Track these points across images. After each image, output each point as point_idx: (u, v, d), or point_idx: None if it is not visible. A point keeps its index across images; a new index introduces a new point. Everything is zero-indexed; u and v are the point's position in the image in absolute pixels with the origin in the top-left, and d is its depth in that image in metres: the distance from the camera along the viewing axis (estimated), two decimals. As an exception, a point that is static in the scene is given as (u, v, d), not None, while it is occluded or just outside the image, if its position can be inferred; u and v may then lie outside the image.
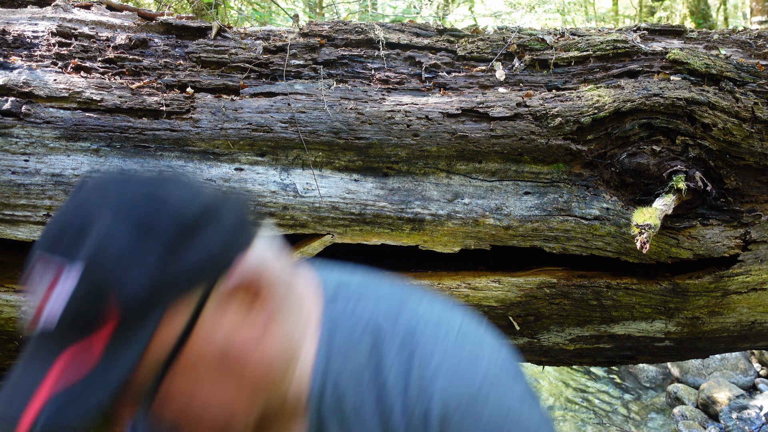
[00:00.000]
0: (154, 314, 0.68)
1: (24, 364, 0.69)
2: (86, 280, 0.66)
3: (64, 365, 0.66)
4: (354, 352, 0.79)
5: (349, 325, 0.81)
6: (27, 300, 0.71)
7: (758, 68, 2.34)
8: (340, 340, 0.80)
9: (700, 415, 4.79)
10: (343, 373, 0.78)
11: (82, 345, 0.67)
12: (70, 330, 0.67)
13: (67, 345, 0.67)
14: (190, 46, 2.36)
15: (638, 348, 2.41)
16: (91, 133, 2.12)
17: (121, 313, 0.67)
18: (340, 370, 0.78)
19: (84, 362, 0.66)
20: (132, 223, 0.69)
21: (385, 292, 0.86)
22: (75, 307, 0.66)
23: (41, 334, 0.68)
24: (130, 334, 0.67)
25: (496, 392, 0.72)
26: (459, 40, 2.50)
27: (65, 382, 0.65)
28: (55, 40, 2.27)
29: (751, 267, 2.26)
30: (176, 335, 0.70)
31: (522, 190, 2.22)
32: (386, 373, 0.75)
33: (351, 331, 0.81)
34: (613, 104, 2.19)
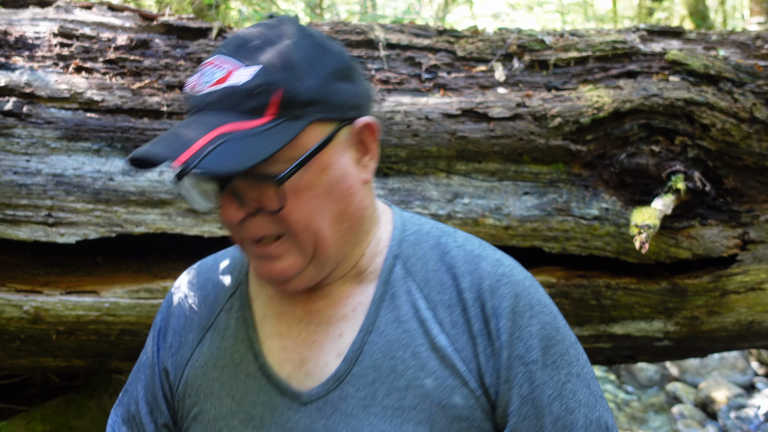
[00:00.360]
0: (304, 118, 0.86)
1: (185, 125, 0.85)
2: (265, 73, 0.84)
3: (225, 131, 0.82)
4: (420, 245, 1.02)
5: (415, 226, 1.05)
6: (193, 79, 0.89)
7: (757, 69, 2.35)
8: (408, 234, 1.04)
9: (698, 414, 4.80)
10: (411, 257, 1.01)
11: (243, 123, 0.83)
12: (239, 107, 0.84)
13: (231, 118, 0.83)
14: (190, 46, 2.37)
15: (637, 347, 2.42)
16: (93, 133, 2.12)
17: (279, 100, 0.84)
18: (408, 254, 1.02)
19: (250, 125, 0.83)
20: (314, 42, 0.90)
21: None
22: (247, 90, 0.83)
23: (207, 104, 0.85)
24: (283, 125, 0.85)
25: (521, 272, 1.03)
26: (459, 40, 2.51)
27: (224, 139, 0.81)
28: (57, 41, 2.28)
29: (749, 267, 2.27)
30: (313, 144, 0.88)
31: (521, 190, 2.23)
32: (451, 258, 1.00)
33: (417, 231, 1.04)
34: (613, 105, 2.20)
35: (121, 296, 2.12)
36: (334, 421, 0.95)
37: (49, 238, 2.05)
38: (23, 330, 2.11)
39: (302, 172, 0.88)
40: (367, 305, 1.00)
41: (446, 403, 0.94)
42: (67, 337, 2.14)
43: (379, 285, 1.00)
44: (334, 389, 0.96)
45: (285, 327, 1.02)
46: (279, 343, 1.02)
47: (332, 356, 0.98)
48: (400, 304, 0.99)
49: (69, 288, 2.13)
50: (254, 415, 0.99)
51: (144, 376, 1.13)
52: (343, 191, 0.93)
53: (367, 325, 0.98)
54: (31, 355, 2.22)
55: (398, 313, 0.98)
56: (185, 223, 2.11)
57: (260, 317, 1.05)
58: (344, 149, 0.93)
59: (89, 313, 2.10)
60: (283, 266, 0.93)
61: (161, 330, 1.13)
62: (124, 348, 2.19)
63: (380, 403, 0.94)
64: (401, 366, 0.95)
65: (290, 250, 0.92)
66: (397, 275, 1.00)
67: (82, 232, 2.07)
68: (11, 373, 2.67)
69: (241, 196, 0.89)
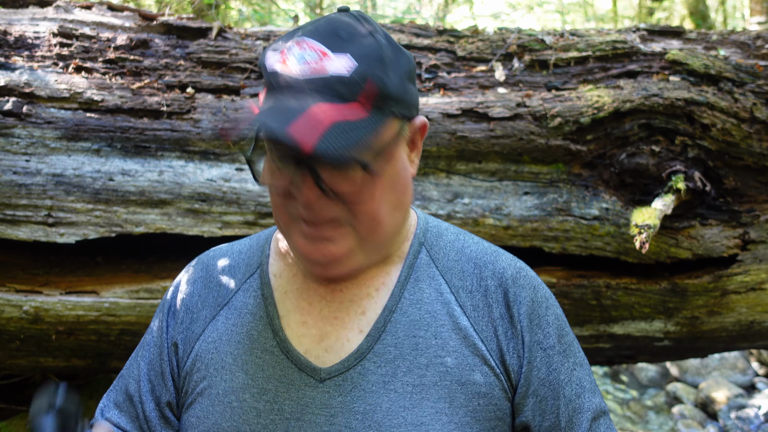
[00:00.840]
0: (386, 111, 0.92)
1: (279, 101, 0.88)
2: (355, 62, 0.89)
3: (335, 108, 0.86)
4: (441, 237, 1.10)
5: (435, 221, 1.13)
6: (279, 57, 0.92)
7: (757, 69, 2.35)
8: (432, 227, 1.11)
9: (699, 414, 4.80)
10: (434, 246, 1.08)
11: (340, 107, 0.87)
12: (334, 91, 0.88)
13: (328, 99, 0.87)
14: (190, 46, 2.37)
15: (637, 347, 2.42)
16: (92, 133, 2.12)
17: (376, 92, 0.90)
18: (432, 243, 1.08)
19: (350, 111, 0.87)
20: (390, 42, 0.95)
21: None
22: (344, 78, 0.88)
23: (307, 88, 0.88)
24: (377, 110, 0.90)
25: (532, 272, 1.11)
26: (459, 40, 2.51)
27: (339, 118, 0.85)
28: (57, 41, 2.28)
29: (749, 267, 2.27)
30: (389, 137, 0.94)
31: (521, 190, 2.22)
32: (471, 251, 1.08)
33: (437, 226, 1.12)
34: (613, 104, 2.20)
35: (120, 296, 2.12)
36: (352, 398, 0.96)
37: (49, 238, 2.05)
38: (23, 330, 2.11)
39: (378, 162, 0.93)
40: (391, 286, 1.04)
41: (466, 380, 0.97)
42: (66, 337, 2.14)
43: (405, 268, 1.05)
44: (354, 366, 0.98)
45: (306, 303, 1.04)
46: (299, 318, 1.04)
47: (354, 332, 1.01)
48: (423, 287, 1.04)
49: (69, 288, 2.13)
50: (268, 390, 0.99)
51: (148, 354, 1.13)
52: (402, 184, 0.99)
53: (391, 305, 1.02)
54: (31, 355, 2.22)
55: (421, 295, 1.03)
56: (185, 223, 2.11)
57: (281, 292, 1.07)
58: (403, 145, 0.99)
59: (89, 313, 2.10)
60: (336, 249, 0.95)
61: (171, 308, 1.13)
62: (124, 348, 2.19)
63: (400, 379, 0.97)
64: (423, 344, 0.99)
65: (346, 234, 0.95)
66: (422, 260, 1.06)
67: (81, 232, 2.07)
68: (11, 373, 2.67)
69: (319, 176, 0.91)
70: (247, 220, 2.13)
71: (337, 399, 0.97)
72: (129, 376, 1.14)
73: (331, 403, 0.97)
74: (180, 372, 1.09)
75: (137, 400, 1.11)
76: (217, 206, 2.12)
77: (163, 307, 1.15)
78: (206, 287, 1.12)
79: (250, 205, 2.13)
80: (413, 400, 0.96)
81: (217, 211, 2.12)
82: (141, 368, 1.12)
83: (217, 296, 1.10)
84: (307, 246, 0.96)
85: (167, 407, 1.09)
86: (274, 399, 0.99)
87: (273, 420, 0.98)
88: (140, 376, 1.12)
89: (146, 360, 1.13)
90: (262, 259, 1.12)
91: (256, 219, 2.13)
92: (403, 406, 0.95)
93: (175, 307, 1.13)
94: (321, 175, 0.91)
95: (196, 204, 2.11)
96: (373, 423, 0.95)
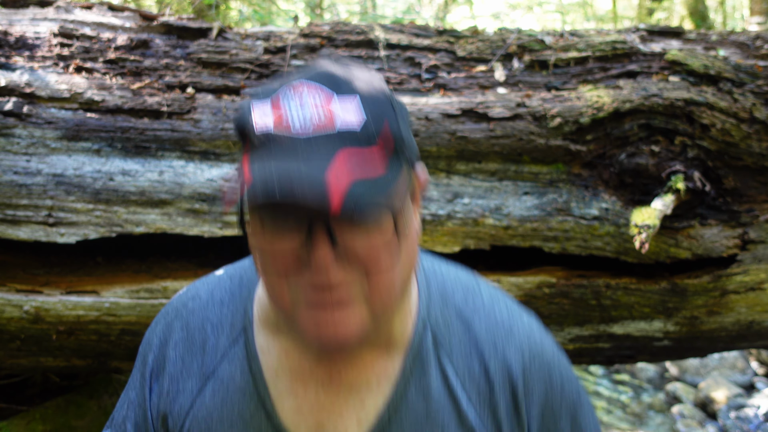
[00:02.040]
0: (402, 157, 0.81)
1: (298, 156, 0.75)
2: (367, 106, 0.78)
3: (352, 162, 0.75)
4: (446, 307, 0.97)
5: (438, 280, 0.99)
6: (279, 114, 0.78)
7: (756, 69, 2.35)
8: (435, 293, 0.98)
9: (698, 413, 4.80)
10: (440, 324, 0.96)
11: (363, 152, 0.76)
12: (356, 137, 0.76)
13: (348, 147, 0.76)
14: (191, 46, 2.37)
15: (637, 347, 2.42)
16: (93, 133, 2.12)
17: (391, 137, 0.79)
18: (436, 320, 0.96)
19: (369, 166, 0.76)
20: (384, 88, 0.84)
21: (449, 271, 1.05)
22: (364, 120, 0.77)
23: (320, 136, 0.76)
24: (393, 159, 0.79)
25: (548, 342, 1.00)
26: (459, 40, 2.51)
27: (359, 175, 0.74)
28: (57, 41, 2.28)
29: (749, 267, 2.27)
30: (404, 190, 0.82)
31: (521, 190, 2.23)
32: (477, 332, 0.96)
33: (442, 288, 0.99)
34: (613, 105, 2.21)
35: (121, 296, 2.12)
36: None
37: (50, 238, 2.06)
38: (23, 330, 2.11)
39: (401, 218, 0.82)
40: (393, 377, 0.94)
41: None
42: (67, 337, 2.14)
43: (409, 355, 0.95)
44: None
45: (301, 387, 0.95)
46: (294, 404, 0.95)
47: (351, 423, 0.93)
48: (430, 378, 0.94)
49: (69, 288, 2.14)
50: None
51: (134, 415, 1.06)
52: (415, 246, 0.88)
53: (395, 400, 0.93)
54: (31, 355, 2.22)
55: (429, 387, 0.94)
56: (185, 223, 2.11)
57: (272, 372, 0.97)
58: (409, 199, 0.87)
59: (89, 313, 2.10)
60: (349, 326, 0.82)
61: (154, 371, 1.04)
62: (125, 348, 2.19)
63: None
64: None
65: (357, 299, 0.82)
66: (427, 345, 0.96)
67: (82, 232, 2.07)
68: (11, 373, 2.68)
69: (335, 236, 0.78)
70: (248, 220, 2.13)
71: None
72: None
73: None
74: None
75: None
76: (217, 206, 2.12)
77: (143, 368, 1.05)
78: (189, 352, 1.01)
79: (251, 205, 2.13)
80: None
81: (217, 211, 2.12)
82: (128, 430, 1.05)
83: (202, 364, 1.00)
84: (317, 322, 0.83)
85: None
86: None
87: None
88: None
89: (132, 422, 1.05)
90: (245, 323, 1.00)
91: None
92: None
93: (158, 372, 1.03)
94: (337, 234, 0.78)
95: (197, 204, 2.11)
96: None
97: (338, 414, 0.94)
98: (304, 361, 0.95)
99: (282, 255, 0.81)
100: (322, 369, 0.95)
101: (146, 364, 1.05)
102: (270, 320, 0.99)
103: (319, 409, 0.94)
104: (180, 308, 1.06)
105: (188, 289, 1.09)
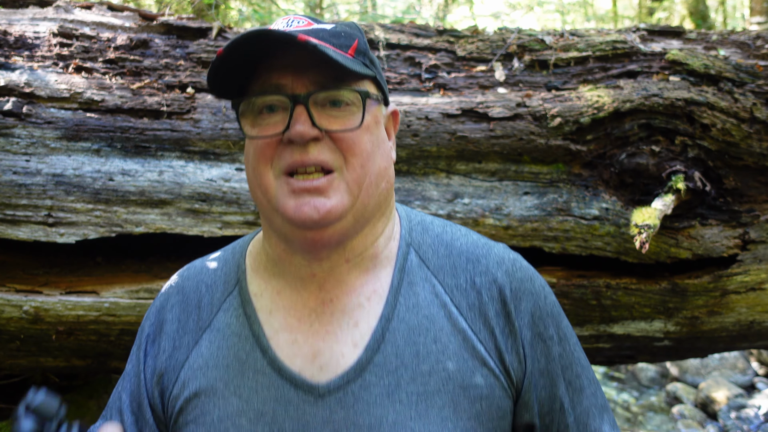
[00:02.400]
0: (370, 70, 0.97)
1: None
2: (343, 27, 1.00)
3: (324, 44, 0.92)
4: (427, 233, 1.08)
5: (418, 216, 1.11)
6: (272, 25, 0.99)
7: (757, 69, 2.35)
8: (415, 224, 1.09)
9: (698, 414, 4.80)
10: (422, 245, 1.06)
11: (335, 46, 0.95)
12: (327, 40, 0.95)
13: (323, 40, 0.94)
14: (190, 46, 2.37)
15: (637, 348, 2.42)
16: (92, 133, 2.12)
17: (359, 50, 0.98)
18: (419, 242, 1.06)
19: (338, 52, 0.93)
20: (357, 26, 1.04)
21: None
22: (336, 31, 0.97)
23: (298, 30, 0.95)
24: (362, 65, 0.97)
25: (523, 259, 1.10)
26: (459, 40, 2.51)
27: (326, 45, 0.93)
28: (57, 41, 2.28)
29: (749, 267, 2.27)
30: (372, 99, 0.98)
31: (521, 190, 2.22)
32: (460, 246, 1.06)
33: (422, 221, 1.10)
34: (613, 104, 2.20)
35: (120, 296, 2.12)
36: (356, 411, 0.95)
37: (49, 238, 2.05)
38: (23, 330, 2.11)
39: (366, 113, 0.96)
40: (383, 293, 1.01)
41: (468, 384, 0.97)
42: (66, 337, 2.14)
43: (396, 272, 1.03)
44: (355, 379, 0.96)
45: (295, 320, 1.01)
46: (289, 336, 1.00)
47: (347, 347, 0.98)
48: (418, 290, 1.02)
49: (69, 288, 2.13)
50: (265, 412, 0.97)
51: (129, 384, 1.10)
52: (386, 152, 1.01)
53: (387, 313, 1.00)
54: (30, 355, 2.22)
55: (417, 299, 1.01)
56: (185, 223, 2.11)
57: (266, 312, 1.03)
58: (382, 124, 1.02)
59: (89, 313, 2.10)
60: (330, 203, 0.93)
61: (150, 335, 1.10)
62: (124, 348, 2.19)
63: (404, 389, 0.95)
64: (423, 351, 0.97)
65: (339, 187, 0.94)
66: (412, 262, 1.04)
67: (81, 232, 2.07)
68: (11, 373, 2.67)
69: (313, 116, 0.92)
70: (247, 220, 2.13)
71: (340, 414, 0.95)
72: (113, 407, 1.12)
73: (333, 419, 0.95)
74: (164, 402, 1.06)
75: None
76: (217, 206, 2.12)
77: (140, 337, 1.12)
78: (184, 311, 1.08)
79: (250, 205, 2.13)
80: (419, 410, 0.94)
81: (217, 211, 2.12)
82: (123, 400, 1.10)
83: (197, 320, 1.07)
84: (301, 205, 0.93)
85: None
86: (272, 420, 0.96)
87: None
88: (122, 408, 1.09)
89: (127, 392, 1.10)
90: (239, 275, 1.08)
91: (256, 219, 2.13)
92: (409, 416, 0.94)
93: (155, 336, 1.09)
94: (314, 112, 0.92)
95: (196, 204, 2.11)
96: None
97: (333, 339, 0.99)
98: (296, 295, 1.02)
99: (269, 142, 0.94)
100: (314, 298, 1.01)
101: (143, 332, 1.12)
102: (262, 266, 1.07)
103: (314, 338, 1.00)
104: (175, 278, 1.16)
105: (183, 267, 1.19)
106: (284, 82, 0.93)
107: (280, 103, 0.94)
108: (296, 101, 0.91)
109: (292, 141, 0.92)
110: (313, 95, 0.92)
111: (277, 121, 0.94)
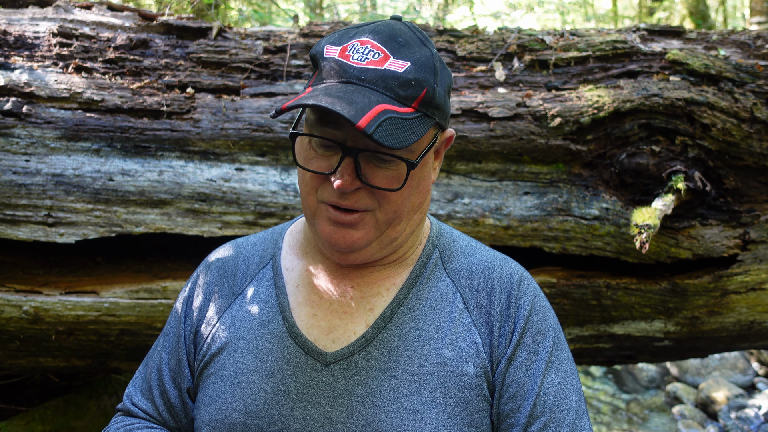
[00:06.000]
0: (431, 119, 1.01)
1: (349, 90, 0.95)
2: (416, 70, 0.98)
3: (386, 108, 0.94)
4: (453, 242, 1.17)
5: (448, 228, 1.21)
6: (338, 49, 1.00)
7: (757, 69, 2.35)
8: (445, 232, 1.19)
9: (699, 414, 4.80)
10: (446, 250, 1.16)
11: (397, 107, 0.96)
12: (393, 92, 0.97)
13: (387, 100, 0.96)
14: (190, 46, 2.37)
15: (638, 348, 2.42)
16: (92, 133, 2.12)
17: (426, 101, 0.99)
18: (444, 247, 1.16)
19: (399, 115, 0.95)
20: (439, 56, 1.05)
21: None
22: (405, 80, 0.97)
23: (365, 79, 0.97)
24: (422, 119, 0.99)
25: (534, 281, 1.18)
26: (459, 40, 2.50)
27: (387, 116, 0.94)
28: (56, 41, 2.28)
29: (750, 267, 2.26)
30: (428, 142, 1.03)
31: (522, 190, 2.22)
32: (482, 256, 1.15)
33: (450, 232, 1.20)
34: (613, 104, 2.20)
35: (120, 296, 2.12)
36: (355, 381, 1.03)
37: (49, 238, 2.05)
38: (23, 330, 2.11)
39: (409, 179, 1.01)
40: (400, 284, 1.11)
41: (460, 372, 1.04)
42: (66, 337, 2.13)
43: (416, 267, 1.13)
44: (359, 351, 1.05)
45: (317, 297, 1.11)
46: (309, 310, 1.10)
47: (360, 326, 1.08)
48: (431, 285, 1.11)
49: (68, 288, 2.13)
50: (276, 372, 1.06)
51: (168, 344, 1.20)
52: (425, 187, 1.08)
53: (399, 299, 1.09)
54: (30, 355, 2.22)
55: (429, 292, 1.11)
56: (185, 223, 2.11)
57: (293, 285, 1.14)
58: (431, 152, 1.08)
59: (89, 313, 2.10)
60: (357, 236, 1.03)
61: (188, 298, 1.21)
62: (124, 348, 2.19)
63: (401, 367, 1.04)
64: (425, 337, 1.06)
65: (368, 222, 1.03)
66: (433, 261, 1.14)
67: (81, 232, 2.07)
68: (11, 373, 2.67)
69: (359, 167, 0.98)
70: (247, 220, 2.13)
71: (341, 382, 1.04)
72: (152, 365, 1.21)
73: (334, 386, 1.03)
74: (196, 357, 1.15)
75: (162, 388, 1.17)
76: (217, 206, 2.11)
77: (180, 297, 1.23)
78: (222, 277, 1.19)
79: (250, 205, 2.12)
80: (411, 388, 1.02)
81: (217, 211, 2.12)
82: (162, 358, 1.19)
83: (232, 286, 1.17)
84: (332, 231, 1.03)
85: (187, 393, 1.16)
86: (281, 381, 1.05)
87: (279, 400, 1.04)
88: (161, 365, 1.19)
89: (167, 350, 1.19)
90: (275, 251, 1.19)
91: (256, 219, 2.13)
92: (401, 392, 1.02)
93: (193, 298, 1.20)
94: (361, 165, 0.98)
95: (196, 204, 2.11)
96: (372, 406, 1.01)
97: (349, 318, 1.09)
98: (323, 276, 1.12)
99: (315, 175, 1.01)
100: (339, 282, 1.12)
101: (184, 294, 1.22)
102: (298, 244, 1.18)
103: (332, 315, 1.09)
104: (219, 249, 1.26)
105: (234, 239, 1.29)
106: (342, 132, 0.98)
107: (333, 145, 1.00)
108: (347, 153, 0.97)
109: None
110: (363, 152, 0.98)
111: (329, 158, 1.00)
